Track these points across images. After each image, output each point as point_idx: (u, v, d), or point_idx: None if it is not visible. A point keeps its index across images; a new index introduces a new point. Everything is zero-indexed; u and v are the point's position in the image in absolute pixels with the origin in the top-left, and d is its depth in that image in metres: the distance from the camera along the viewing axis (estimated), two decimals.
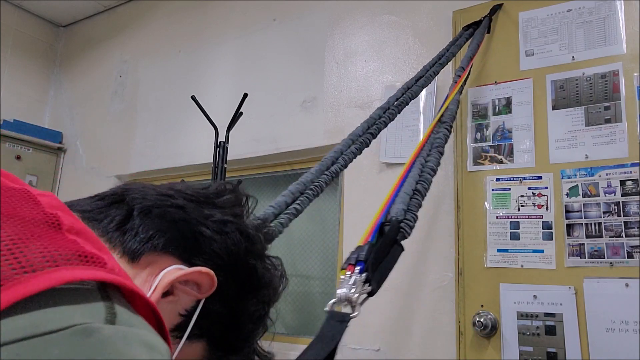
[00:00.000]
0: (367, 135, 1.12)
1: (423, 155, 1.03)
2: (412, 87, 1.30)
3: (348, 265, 0.69)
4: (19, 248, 0.30)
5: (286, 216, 0.91)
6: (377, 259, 0.70)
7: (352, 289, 0.65)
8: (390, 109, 1.21)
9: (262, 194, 2.56)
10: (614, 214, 1.47)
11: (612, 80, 1.56)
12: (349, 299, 0.64)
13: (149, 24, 3.15)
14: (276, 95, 2.42)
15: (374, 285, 0.68)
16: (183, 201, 0.51)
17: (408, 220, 0.82)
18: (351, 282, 0.66)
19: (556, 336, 1.45)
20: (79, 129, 3.33)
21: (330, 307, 0.63)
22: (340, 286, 0.66)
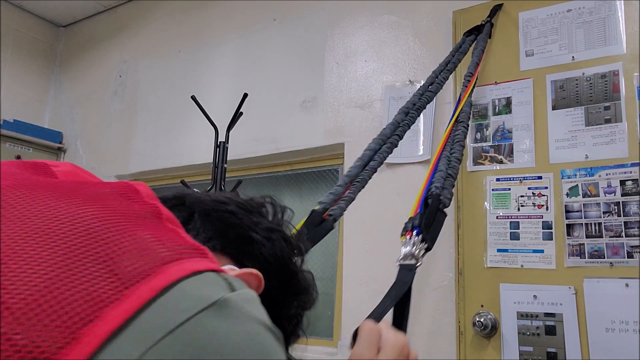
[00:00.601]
0: (394, 137, 1.23)
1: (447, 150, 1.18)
2: (425, 93, 1.40)
3: (406, 231, 0.92)
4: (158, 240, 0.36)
5: (344, 202, 1.09)
6: (427, 224, 0.92)
7: (413, 246, 0.87)
8: (410, 112, 1.31)
9: (262, 194, 2.56)
10: (614, 214, 1.47)
11: (612, 80, 1.56)
12: (413, 254, 0.86)
13: (149, 24, 3.15)
14: (276, 95, 2.42)
15: (429, 243, 0.89)
16: (236, 208, 0.56)
17: (446, 190, 1.01)
18: (412, 242, 0.88)
19: (556, 336, 1.45)
20: (79, 129, 3.33)
21: (400, 262, 0.85)
22: (404, 246, 0.89)
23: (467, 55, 1.71)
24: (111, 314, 0.30)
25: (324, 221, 1.02)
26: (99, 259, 0.33)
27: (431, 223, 0.93)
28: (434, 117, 1.90)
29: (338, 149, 2.19)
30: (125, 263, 0.33)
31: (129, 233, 0.36)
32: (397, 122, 1.26)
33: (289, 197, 2.47)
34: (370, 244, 1.95)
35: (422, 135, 1.91)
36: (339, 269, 2.08)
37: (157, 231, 0.37)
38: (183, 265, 0.35)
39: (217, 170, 1.96)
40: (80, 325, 0.29)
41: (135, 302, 0.31)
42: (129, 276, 0.32)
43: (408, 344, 0.66)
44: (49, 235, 0.33)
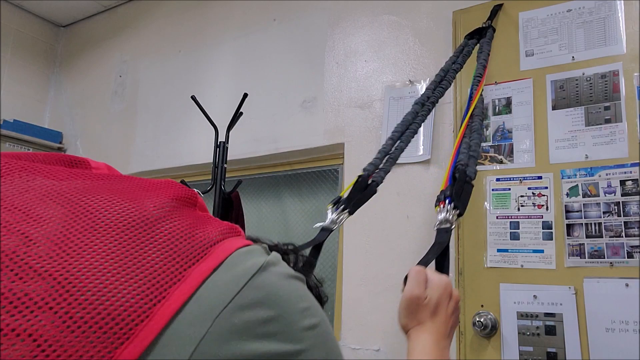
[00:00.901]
0: (415, 124, 1.30)
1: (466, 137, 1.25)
2: (437, 88, 1.45)
3: (439, 202, 1.01)
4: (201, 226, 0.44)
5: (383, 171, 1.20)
6: (457, 193, 1.01)
7: (447, 213, 0.97)
8: (426, 104, 1.37)
9: (262, 194, 2.56)
10: (614, 214, 1.47)
11: (612, 80, 1.56)
12: (448, 219, 0.97)
13: (149, 24, 3.15)
14: (276, 95, 2.42)
15: (461, 209, 1.00)
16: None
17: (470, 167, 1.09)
18: (445, 210, 0.98)
19: (556, 336, 1.45)
20: (79, 129, 3.33)
21: (437, 226, 0.97)
22: (439, 213, 0.99)
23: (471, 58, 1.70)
24: (176, 293, 0.36)
25: (368, 185, 1.14)
26: (158, 246, 0.39)
27: (461, 192, 1.02)
28: (434, 117, 1.90)
29: (338, 149, 2.19)
30: (181, 248, 0.40)
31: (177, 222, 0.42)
32: (415, 112, 1.33)
33: (289, 197, 2.47)
34: (370, 244, 1.95)
35: (422, 135, 1.91)
36: (339, 269, 2.08)
37: (196, 218, 0.44)
38: (226, 244, 0.42)
39: (217, 170, 1.96)
40: (150, 305, 0.35)
41: (195, 281, 0.37)
42: (186, 259, 0.39)
43: (450, 284, 0.77)
44: (114, 229, 0.39)
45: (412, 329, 0.72)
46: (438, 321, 0.72)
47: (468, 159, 1.12)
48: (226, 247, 0.42)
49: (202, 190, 2.00)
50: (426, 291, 0.74)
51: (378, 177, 1.16)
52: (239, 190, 2.02)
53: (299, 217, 2.41)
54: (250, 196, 2.54)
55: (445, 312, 0.74)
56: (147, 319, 0.34)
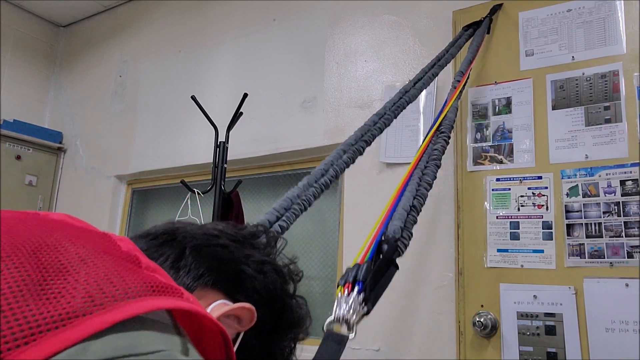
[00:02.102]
0: (360, 143, 1.09)
1: (420, 166, 1.02)
2: (409, 91, 1.28)
3: (346, 283, 0.72)
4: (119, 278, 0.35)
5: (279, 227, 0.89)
6: (375, 279, 0.72)
7: (350, 309, 0.67)
8: (386, 114, 1.18)
9: (262, 194, 2.56)
10: (614, 214, 1.47)
11: (612, 80, 1.56)
12: (347, 319, 0.66)
13: (149, 24, 3.15)
14: (276, 95, 2.42)
15: (369, 305, 0.69)
16: (227, 241, 0.56)
17: (404, 238, 0.82)
18: (350, 302, 0.68)
19: (556, 336, 1.45)
20: (79, 129, 3.33)
21: (328, 327, 0.66)
22: (338, 305, 0.68)
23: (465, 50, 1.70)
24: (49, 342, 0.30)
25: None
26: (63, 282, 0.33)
27: (379, 279, 0.73)
28: (433, 117, 1.90)
29: None
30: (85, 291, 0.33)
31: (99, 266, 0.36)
32: (366, 127, 1.13)
33: None
34: None
35: (422, 135, 1.91)
36: (339, 268, 2.08)
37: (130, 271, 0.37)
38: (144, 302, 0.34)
39: (217, 170, 1.96)
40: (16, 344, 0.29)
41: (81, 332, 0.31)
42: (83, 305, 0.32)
43: None
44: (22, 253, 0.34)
45: None
46: None
47: (407, 216, 0.86)
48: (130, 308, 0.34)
49: (202, 190, 2.00)
50: None
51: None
52: (239, 190, 2.02)
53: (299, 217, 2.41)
54: (250, 196, 2.54)
55: None
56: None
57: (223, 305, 0.50)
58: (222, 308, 0.50)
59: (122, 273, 0.36)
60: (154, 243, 0.54)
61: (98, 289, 0.34)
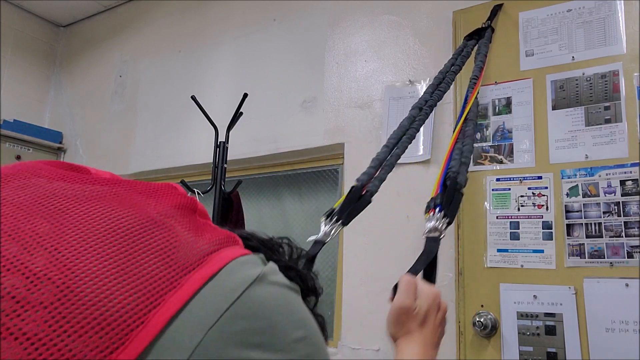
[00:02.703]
0: (412, 130, 1.29)
1: (459, 143, 1.25)
2: (435, 92, 1.43)
3: (429, 209, 1.01)
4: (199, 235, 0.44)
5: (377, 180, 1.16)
6: (447, 202, 1.01)
7: (437, 221, 0.97)
8: (423, 109, 1.36)
9: (262, 194, 2.56)
10: (614, 214, 1.47)
11: (612, 80, 1.56)
12: (437, 227, 0.97)
13: (149, 24, 3.15)
14: (276, 95, 2.42)
15: (450, 217, 0.99)
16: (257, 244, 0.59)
17: (461, 175, 1.09)
18: (435, 218, 0.98)
19: (556, 336, 1.45)
20: (79, 129, 3.33)
21: (426, 234, 0.96)
22: (429, 221, 0.98)
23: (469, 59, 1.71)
24: (171, 300, 0.36)
25: (362, 196, 1.11)
26: (156, 252, 0.39)
27: (451, 201, 1.02)
28: (433, 118, 1.90)
29: (338, 149, 2.19)
30: (178, 255, 0.40)
31: (175, 229, 0.43)
32: (412, 117, 1.33)
33: (289, 197, 2.47)
34: (370, 244, 1.95)
35: (422, 136, 1.91)
36: (339, 268, 2.08)
37: (195, 226, 0.45)
38: (222, 254, 0.43)
39: (217, 170, 1.96)
40: (145, 311, 0.35)
41: (190, 289, 0.38)
42: (182, 267, 0.39)
43: (439, 295, 0.79)
44: (112, 235, 0.40)
45: (400, 339, 0.75)
46: (426, 331, 0.75)
47: (459, 167, 1.12)
48: (222, 257, 0.42)
49: (202, 190, 2.00)
50: (416, 302, 0.75)
51: (372, 187, 1.13)
52: (239, 190, 2.02)
53: (299, 217, 2.41)
54: (250, 196, 2.54)
55: (434, 322, 0.77)
56: (142, 325, 0.34)
57: None
58: None
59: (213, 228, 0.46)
60: None
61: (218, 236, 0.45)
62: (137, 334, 0.34)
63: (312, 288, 0.61)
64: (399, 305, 0.75)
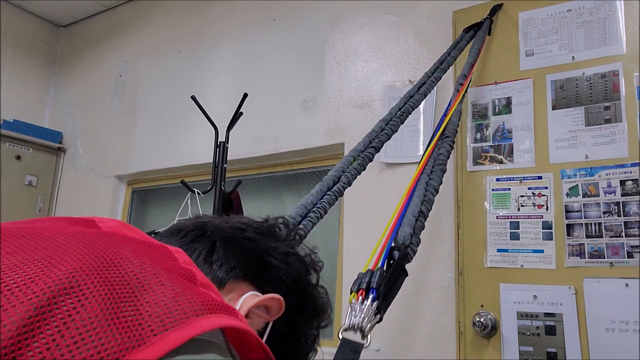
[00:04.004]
0: (369, 150, 1.11)
1: (427, 171, 1.04)
2: (414, 96, 1.30)
3: (359, 289, 0.73)
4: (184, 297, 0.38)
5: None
6: (387, 287, 0.73)
7: (364, 317, 0.68)
8: (392, 120, 1.21)
9: (262, 194, 2.56)
10: (614, 214, 1.47)
11: (612, 80, 1.56)
12: (362, 327, 0.67)
13: (149, 24, 3.15)
14: (276, 95, 2.42)
15: (382, 314, 0.70)
16: (253, 234, 0.58)
17: (413, 244, 0.84)
18: (365, 310, 0.69)
19: (556, 336, 1.45)
20: (79, 129, 3.33)
21: (342, 334, 0.67)
22: (353, 311, 0.69)
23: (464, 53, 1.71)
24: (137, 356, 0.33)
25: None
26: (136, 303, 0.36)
27: (391, 286, 0.74)
28: (433, 117, 1.90)
29: (338, 149, 2.19)
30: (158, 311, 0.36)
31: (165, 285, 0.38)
32: (374, 133, 1.16)
33: (289, 197, 2.47)
34: (370, 245, 1.94)
35: (422, 135, 1.91)
36: (339, 268, 2.08)
37: (188, 289, 0.40)
38: (210, 320, 0.38)
39: (217, 170, 1.96)
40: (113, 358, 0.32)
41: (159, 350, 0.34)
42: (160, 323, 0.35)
43: None
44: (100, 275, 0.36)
45: None
46: None
47: (415, 222, 0.88)
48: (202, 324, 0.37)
49: (202, 191, 2.00)
50: None
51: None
52: (239, 190, 2.02)
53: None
54: (250, 196, 2.54)
55: None
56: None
57: (254, 296, 0.52)
58: (253, 299, 0.52)
59: (185, 291, 0.39)
60: (185, 241, 0.56)
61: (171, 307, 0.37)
62: None
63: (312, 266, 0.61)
64: None
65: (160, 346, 0.34)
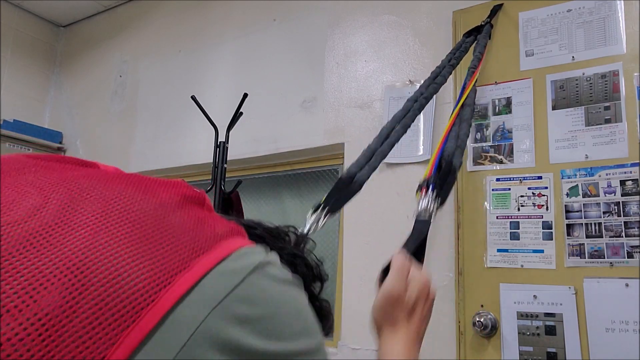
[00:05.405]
0: (406, 120, 1.24)
1: (455, 126, 1.25)
2: (431, 85, 1.41)
3: (421, 189, 0.99)
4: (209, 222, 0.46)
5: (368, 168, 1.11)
6: (441, 183, 0.99)
7: (428, 202, 0.95)
8: (419, 99, 1.33)
9: (262, 194, 2.56)
10: (614, 214, 1.47)
11: (612, 80, 1.56)
12: (428, 208, 0.94)
13: (149, 24, 3.15)
14: (276, 95, 2.42)
15: (442, 199, 0.97)
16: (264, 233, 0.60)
17: (456, 157, 1.08)
18: (428, 197, 0.96)
19: (556, 336, 1.45)
20: (79, 129, 3.33)
21: (416, 214, 0.93)
22: (420, 201, 0.96)
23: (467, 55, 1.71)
24: (181, 280, 0.38)
25: (351, 183, 1.06)
26: (167, 235, 0.41)
27: (444, 182, 0.99)
28: (433, 117, 1.90)
29: (338, 149, 2.19)
30: (188, 239, 0.42)
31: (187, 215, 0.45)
32: (407, 109, 1.30)
33: (289, 197, 2.47)
34: (370, 244, 1.95)
35: (422, 135, 1.91)
36: (339, 269, 2.08)
37: (204, 215, 0.46)
38: (230, 242, 0.44)
39: (217, 170, 1.96)
40: (157, 289, 0.37)
41: (199, 271, 0.39)
42: (192, 249, 0.41)
43: (430, 282, 0.75)
44: (125, 216, 0.41)
45: (384, 329, 0.70)
46: (413, 324, 0.70)
47: (455, 149, 1.10)
48: (230, 244, 0.44)
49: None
50: (407, 289, 0.71)
51: (362, 175, 1.07)
52: (239, 190, 2.02)
53: (299, 217, 2.41)
54: (250, 196, 2.54)
55: (421, 313, 0.72)
56: (152, 303, 0.36)
57: None
58: None
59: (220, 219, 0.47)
60: None
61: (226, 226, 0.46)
62: (147, 312, 0.35)
63: (318, 274, 0.61)
64: (389, 291, 0.70)
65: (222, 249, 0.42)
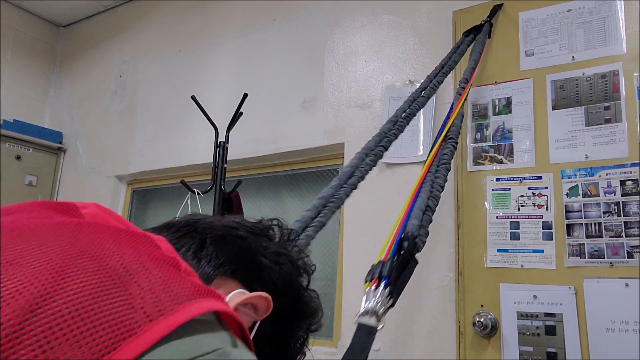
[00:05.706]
0: (379, 148, 1.17)
1: (432, 171, 1.11)
2: (417, 99, 1.35)
3: (372, 279, 0.79)
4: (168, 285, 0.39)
5: (312, 229, 0.97)
6: (398, 274, 0.80)
7: (378, 302, 0.75)
8: (398, 121, 1.26)
9: (262, 194, 2.56)
10: (614, 214, 1.47)
11: (612, 80, 1.56)
12: (376, 311, 0.74)
13: (149, 24, 3.15)
14: (276, 95, 2.42)
15: (395, 298, 0.77)
16: (245, 233, 0.58)
17: (422, 235, 0.90)
18: (377, 296, 0.76)
19: (556, 336, 1.45)
20: (79, 129, 3.33)
21: (358, 319, 0.74)
22: (367, 298, 0.76)
23: (465, 56, 1.71)
24: (129, 346, 0.33)
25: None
26: (125, 294, 0.36)
27: (401, 273, 0.81)
28: (433, 117, 1.90)
29: (338, 149, 2.19)
30: (148, 299, 0.36)
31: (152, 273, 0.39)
32: (383, 134, 1.21)
33: (289, 197, 2.47)
34: (370, 244, 1.95)
35: (422, 135, 1.91)
36: (339, 269, 2.08)
37: (175, 276, 0.41)
38: (198, 304, 0.38)
39: (217, 170, 1.96)
40: (103, 352, 0.32)
41: (151, 337, 0.34)
42: (150, 311, 0.36)
43: None
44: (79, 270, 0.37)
45: None
46: None
47: (423, 216, 0.94)
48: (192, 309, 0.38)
49: (202, 190, 2.00)
50: None
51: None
52: (239, 190, 2.02)
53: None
54: (250, 196, 2.54)
55: None
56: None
57: (241, 294, 0.52)
58: (240, 296, 0.51)
59: (172, 278, 0.40)
60: (175, 235, 0.56)
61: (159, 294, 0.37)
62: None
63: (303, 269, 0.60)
64: None
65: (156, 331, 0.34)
